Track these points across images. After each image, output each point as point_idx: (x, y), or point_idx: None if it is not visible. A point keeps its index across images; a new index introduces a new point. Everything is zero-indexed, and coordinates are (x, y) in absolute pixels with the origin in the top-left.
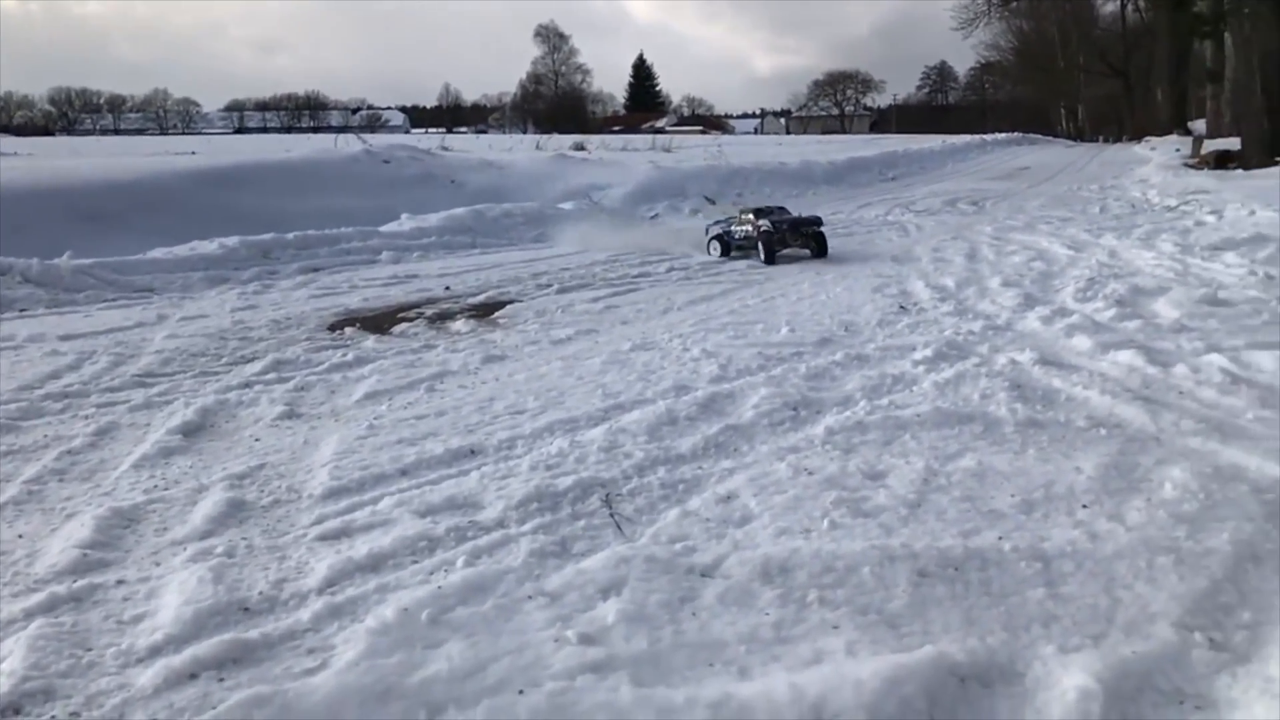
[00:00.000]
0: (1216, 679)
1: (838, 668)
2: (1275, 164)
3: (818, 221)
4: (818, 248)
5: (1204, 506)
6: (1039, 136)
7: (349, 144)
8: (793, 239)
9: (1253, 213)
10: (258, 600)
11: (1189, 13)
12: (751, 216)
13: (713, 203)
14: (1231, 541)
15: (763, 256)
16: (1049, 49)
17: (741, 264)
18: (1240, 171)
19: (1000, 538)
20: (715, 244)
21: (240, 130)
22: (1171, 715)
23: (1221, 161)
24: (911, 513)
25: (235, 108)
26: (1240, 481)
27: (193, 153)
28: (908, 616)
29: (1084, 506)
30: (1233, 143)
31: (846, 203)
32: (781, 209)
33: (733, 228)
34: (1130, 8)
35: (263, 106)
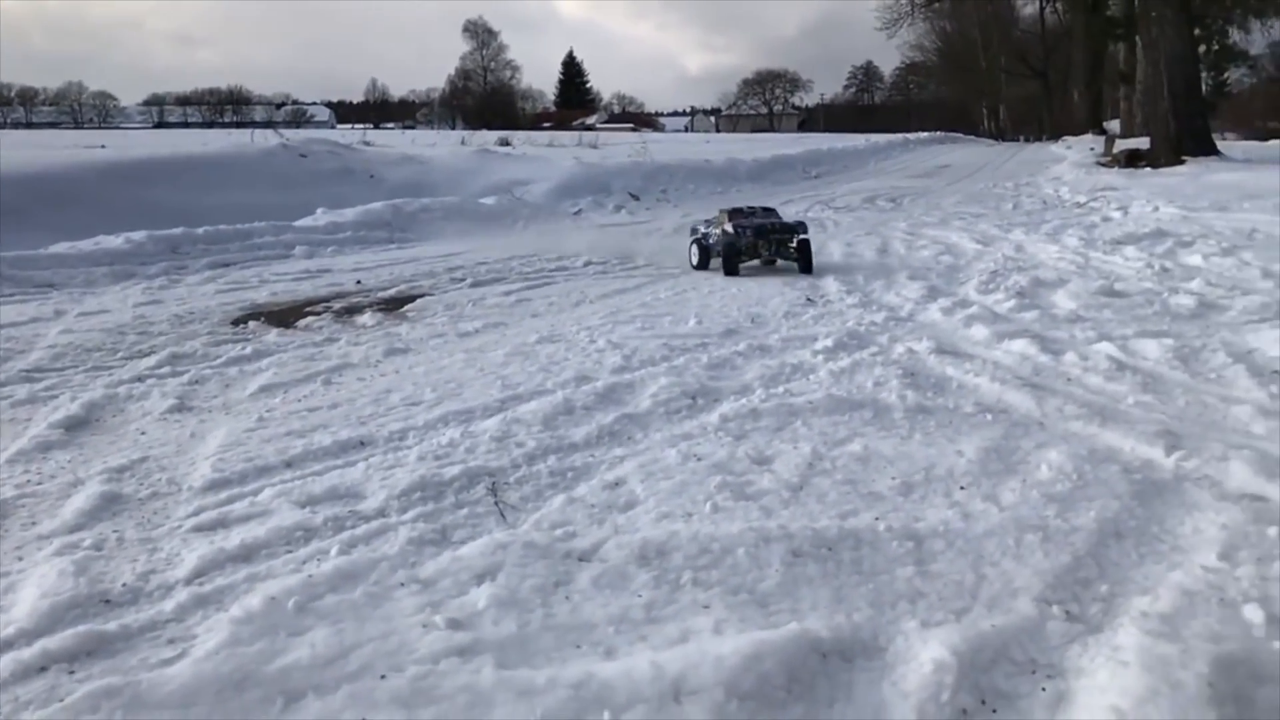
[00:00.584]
0: (1069, 649)
1: (701, 646)
2: (1181, 163)
3: (795, 228)
4: (799, 260)
5: (1075, 487)
6: (961, 136)
7: (267, 139)
8: (763, 247)
9: (1156, 209)
10: (120, 592)
11: (1103, 16)
12: (725, 218)
13: (636, 199)
14: (1097, 519)
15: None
16: (971, 50)
17: (658, 255)
18: (1148, 170)
19: (877, 518)
20: (695, 250)
21: (160, 125)
22: (1024, 685)
23: (1132, 160)
24: (793, 496)
25: (155, 102)
26: (1113, 463)
27: (102, 146)
28: (778, 595)
29: (961, 488)
30: (1142, 142)
31: (769, 199)
32: (768, 210)
33: (710, 229)
34: (1049, 10)
35: (184, 101)
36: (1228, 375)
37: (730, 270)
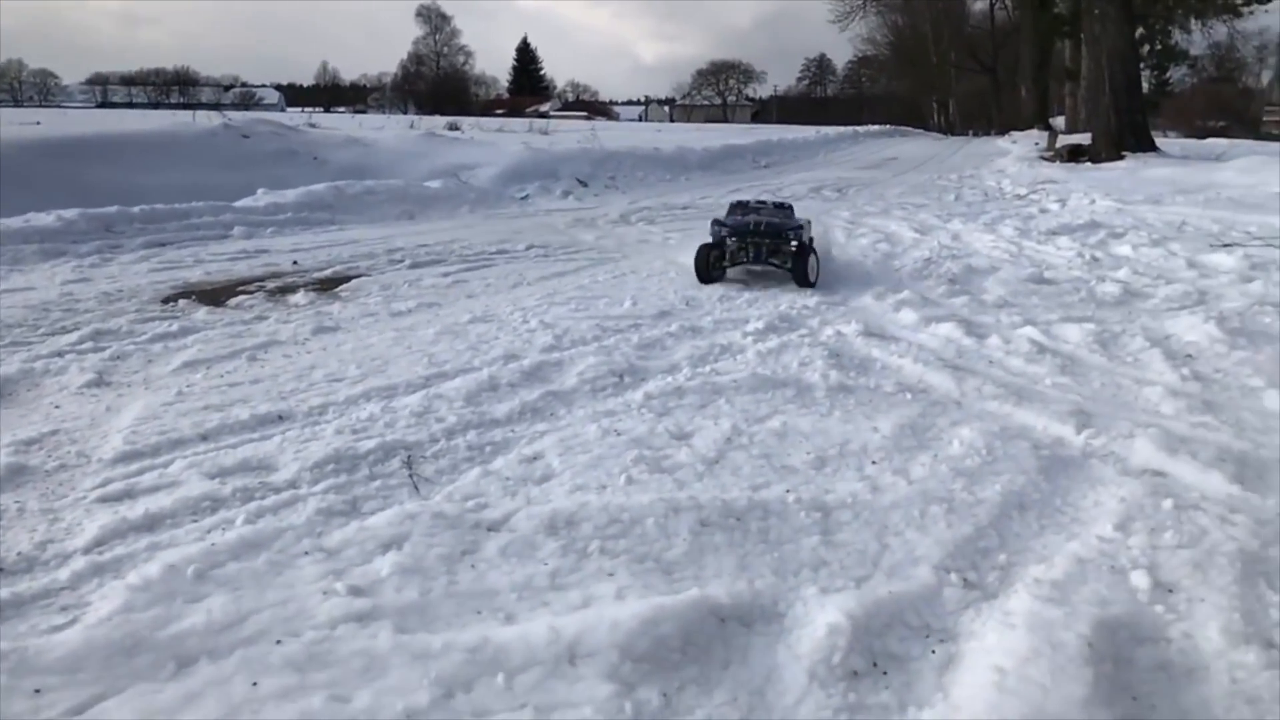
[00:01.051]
0: (963, 615)
1: (601, 611)
2: (1121, 158)
3: (785, 229)
4: (791, 269)
5: (985, 462)
6: (911, 129)
7: (210, 119)
8: (741, 253)
9: (1093, 201)
10: (15, 561)
11: (1050, 13)
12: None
13: (584, 185)
14: (1002, 492)
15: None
16: (922, 45)
17: (601, 239)
18: (1089, 164)
19: (787, 491)
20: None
21: (104, 105)
22: (915, 648)
23: (1074, 155)
24: (708, 469)
25: (98, 81)
26: (1024, 439)
27: (37, 123)
28: (683, 564)
29: (873, 462)
30: (1085, 137)
31: (717, 188)
32: (781, 206)
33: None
34: (998, 6)
35: (128, 81)
36: (1144, 359)
37: (701, 278)
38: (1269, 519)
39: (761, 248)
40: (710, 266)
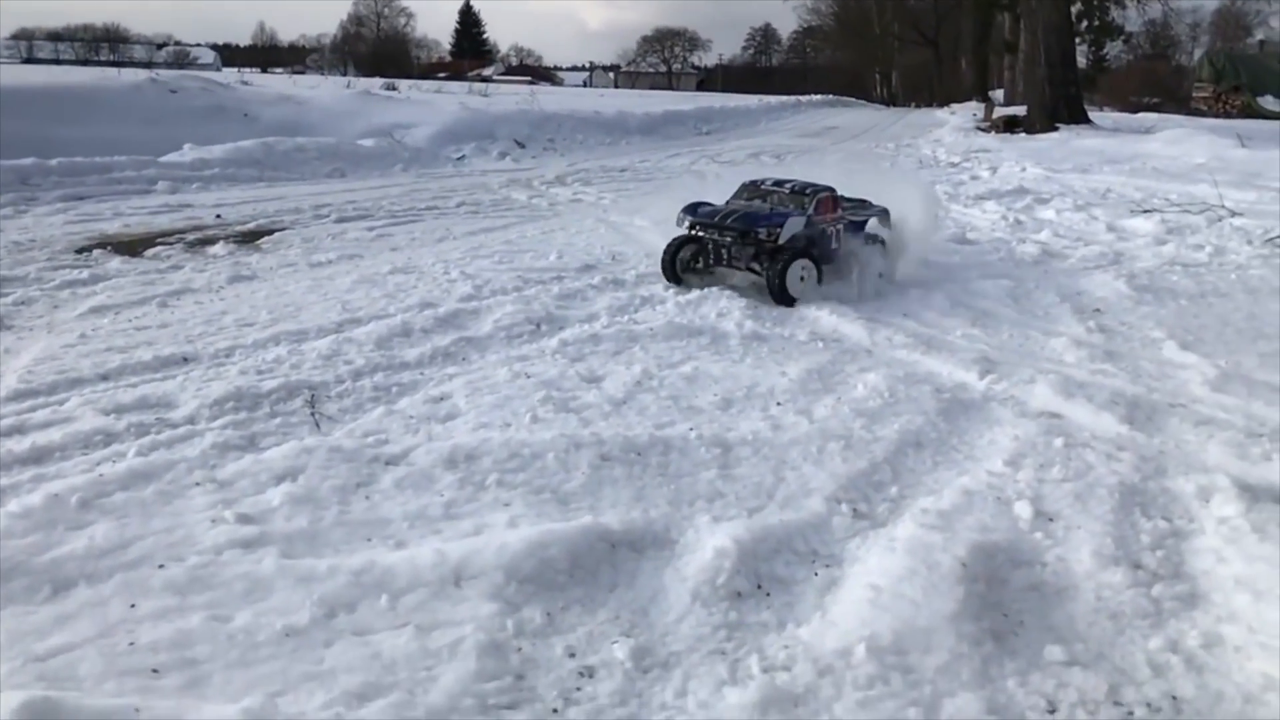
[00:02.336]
0: (850, 542)
1: (491, 536)
2: (1055, 129)
3: (762, 227)
4: (769, 279)
5: (886, 404)
6: (853, 100)
7: (136, 74)
8: (701, 255)
9: (1023, 169)
10: None
11: None
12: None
13: (522, 146)
14: (900, 431)
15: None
16: (866, 16)
17: (534, 199)
18: (1023, 135)
19: (691, 428)
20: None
21: (29, 61)
22: (800, 572)
23: (1009, 126)
24: (615, 409)
25: (23, 36)
26: (927, 384)
27: None
28: (580, 495)
29: (778, 404)
30: (1021, 109)
31: (656, 152)
32: (807, 189)
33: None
34: None
35: (55, 37)
36: (1054, 313)
37: (668, 276)
38: (1152, 456)
39: (723, 248)
40: (676, 265)
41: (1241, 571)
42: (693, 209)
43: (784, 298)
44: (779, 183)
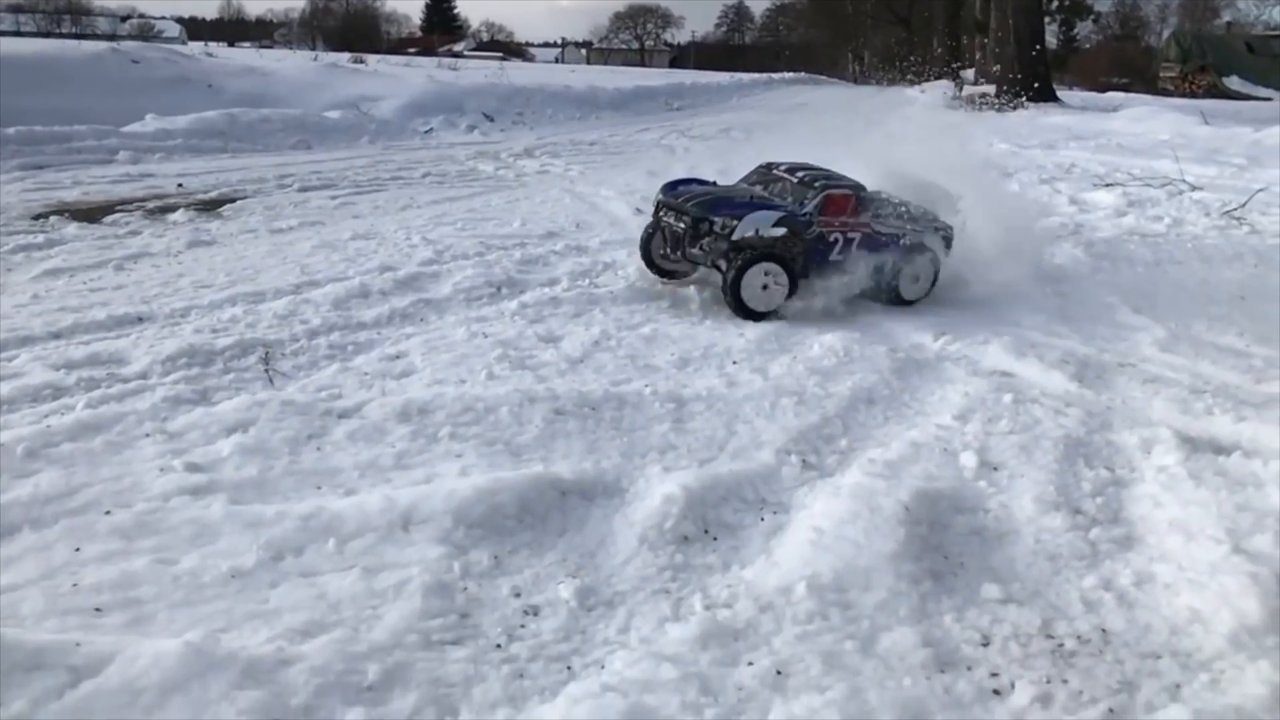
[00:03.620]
0: (798, 490)
1: (441, 484)
2: (1023, 107)
3: (719, 218)
4: (723, 281)
5: (841, 362)
6: (825, 78)
7: (98, 44)
8: (668, 242)
9: (990, 145)
10: None
11: None
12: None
13: (490, 120)
14: (853, 388)
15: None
16: None
17: (500, 171)
18: (993, 112)
19: (647, 385)
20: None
21: None
22: (748, 518)
23: (979, 103)
24: (571, 367)
25: None
26: (883, 344)
27: None
28: (533, 447)
29: (734, 363)
30: (990, 88)
31: (626, 127)
32: (824, 182)
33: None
34: None
35: (16, 9)
36: (1011, 279)
37: (648, 265)
38: (1099, 411)
39: (680, 237)
40: (653, 254)
41: (1176, 515)
42: (670, 187)
43: (739, 307)
44: (794, 168)
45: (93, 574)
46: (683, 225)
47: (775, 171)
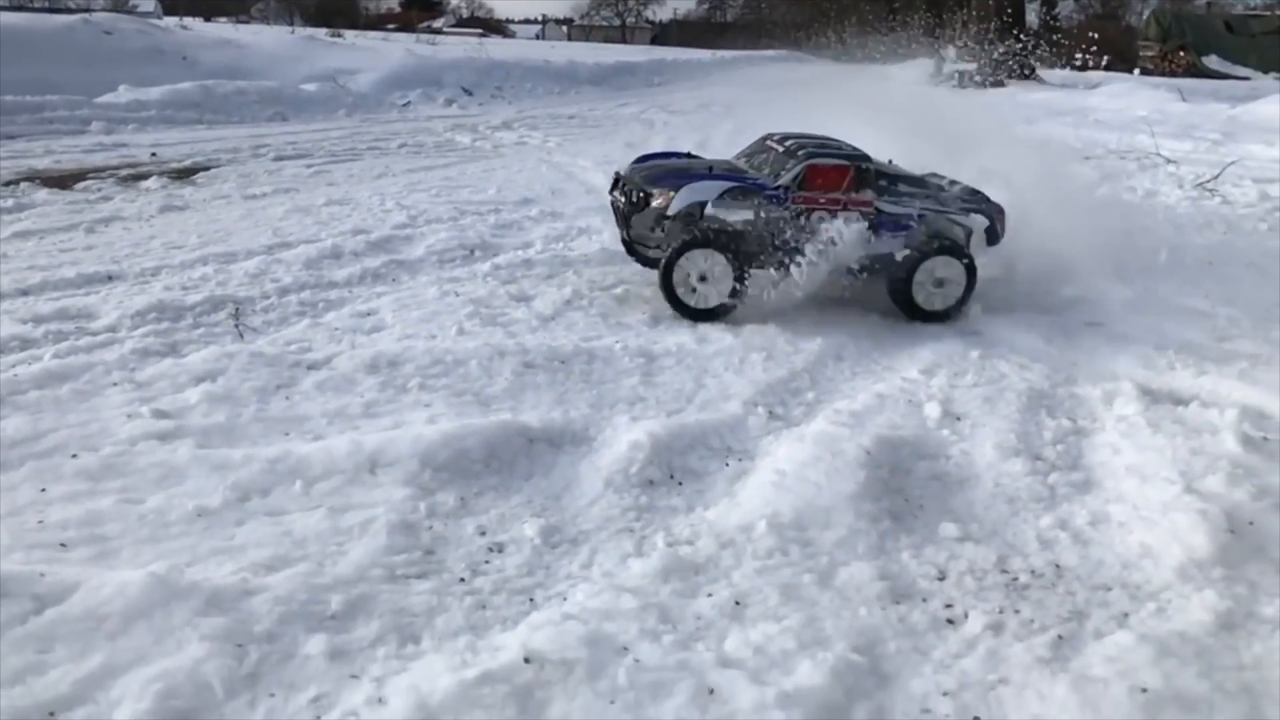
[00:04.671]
0: (764, 439)
1: (409, 430)
2: (1003, 84)
3: (664, 185)
4: (659, 272)
5: (814, 322)
6: (808, 56)
7: (69, 15)
8: (617, 219)
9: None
10: None
11: None
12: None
13: (469, 94)
14: (822, 345)
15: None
16: None
17: (478, 142)
18: (973, 89)
19: (617, 341)
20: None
21: None
22: (713, 465)
23: (960, 80)
24: (543, 324)
25: None
26: (855, 304)
27: None
28: (502, 398)
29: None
30: (971, 66)
31: (606, 102)
32: (809, 151)
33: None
34: None
35: None
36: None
37: (629, 251)
38: (1064, 367)
39: (625, 214)
40: (632, 239)
41: (1133, 460)
42: (640, 160)
43: (672, 300)
44: (787, 138)
45: (58, 512)
46: (623, 199)
47: (768, 142)
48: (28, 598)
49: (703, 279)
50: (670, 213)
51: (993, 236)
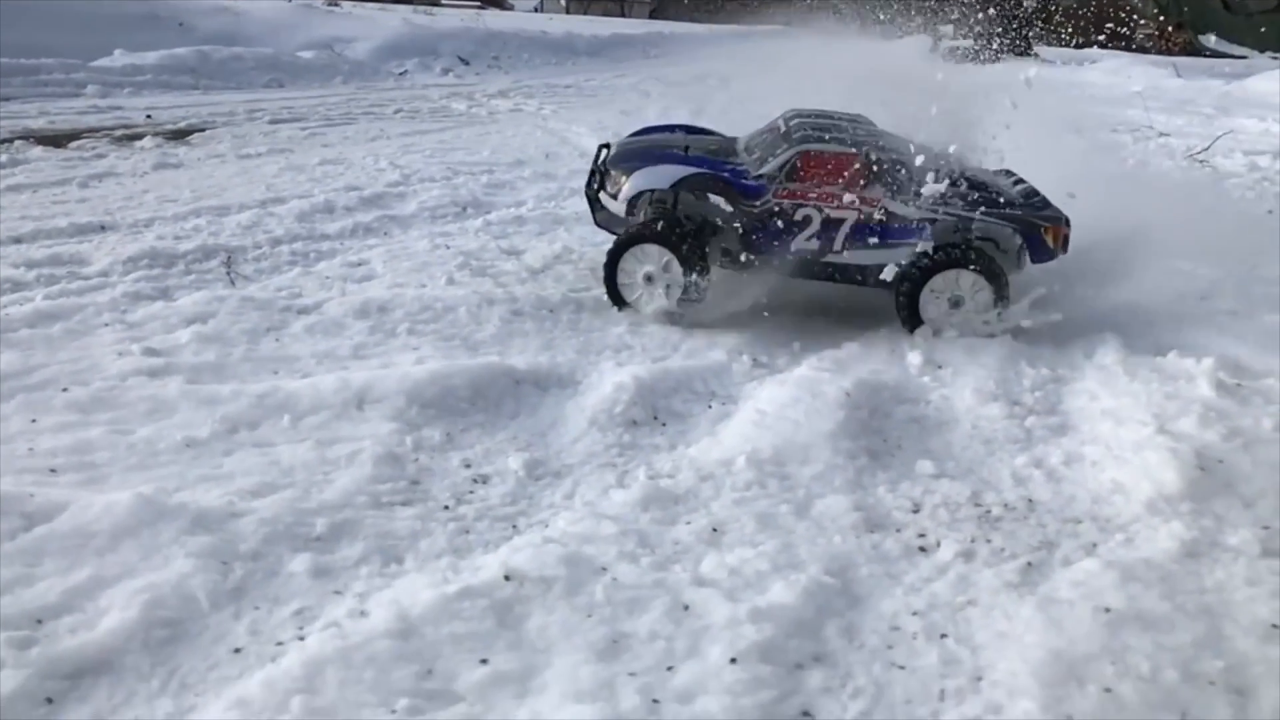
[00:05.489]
0: (747, 385)
1: (396, 370)
2: (998, 60)
3: (620, 168)
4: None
5: (800, 282)
6: (806, 32)
7: None
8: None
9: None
10: None
11: None
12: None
13: (466, 63)
14: (808, 298)
15: None
16: None
17: (474, 109)
18: (970, 65)
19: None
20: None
21: None
22: (696, 407)
23: (955, 57)
24: (532, 276)
25: None
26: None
27: None
28: (490, 343)
29: None
30: (967, 42)
31: (603, 72)
32: (807, 134)
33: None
34: None
35: None
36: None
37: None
38: (1047, 329)
39: (591, 198)
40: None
41: (1110, 405)
42: (639, 133)
43: (615, 300)
44: (801, 115)
45: (48, 441)
46: (592, 178)
47: (780, 119)
48: (17, 516)
49: (649, 279)
50: (621, 199)
51: (1039, 250)
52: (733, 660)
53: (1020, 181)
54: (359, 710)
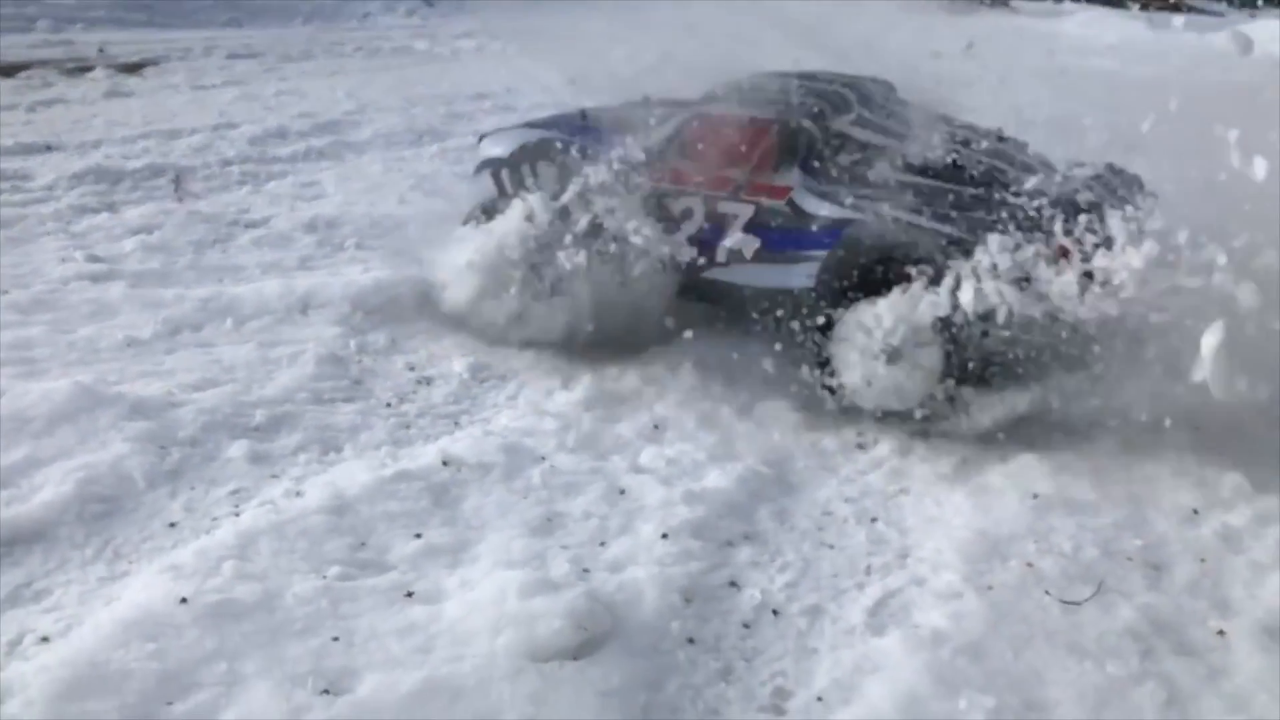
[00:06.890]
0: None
1: (341, 277)
2: (974, 12)
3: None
4: None
5: None
6: None
7: None
8: None
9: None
10: None
11: None
12: None
13: (430, 5)
14: None
15: None
16: None
17: (437, 49)
18: (943, 15)
19: None
20: None
21: None
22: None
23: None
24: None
25: None
26: None
27: None
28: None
29: None
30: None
31: (573, 16)
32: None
33: None
34: None
35: None
36: None
37: None
38: None
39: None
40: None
41: None
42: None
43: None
44: (756, 78)
45: None
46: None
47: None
48: None
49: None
50: (475, 171)
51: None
52: (664, 536)
53: (1080, 164)
54: (290, 576)
